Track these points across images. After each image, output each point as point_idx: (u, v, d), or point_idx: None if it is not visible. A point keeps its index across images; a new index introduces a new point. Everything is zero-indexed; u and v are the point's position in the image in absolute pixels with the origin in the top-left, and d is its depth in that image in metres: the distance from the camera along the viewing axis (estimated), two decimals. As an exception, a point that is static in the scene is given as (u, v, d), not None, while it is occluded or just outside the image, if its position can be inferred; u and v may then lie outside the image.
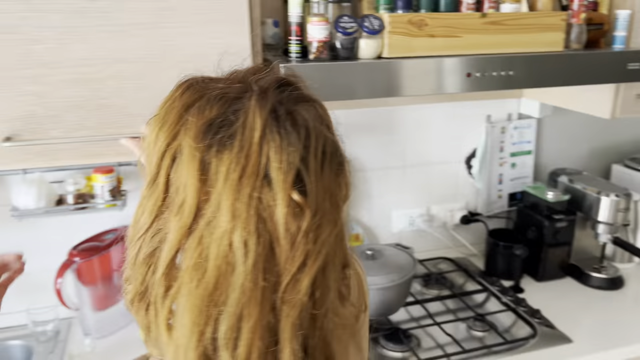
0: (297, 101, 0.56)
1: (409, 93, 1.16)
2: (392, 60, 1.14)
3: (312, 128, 0.54)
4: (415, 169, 1.82)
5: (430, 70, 1.16)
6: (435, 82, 1.18)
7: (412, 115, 1.75)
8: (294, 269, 0.51)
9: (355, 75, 1.12)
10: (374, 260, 1.50)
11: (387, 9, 1.18)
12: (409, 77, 1.13)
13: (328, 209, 0.54)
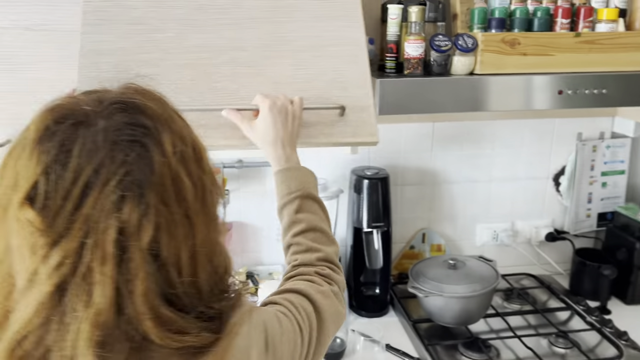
0: None
1: (499, 108, 1.21)
2: (483, 77, 1.20)
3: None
4: (501, 183, 1.84)
5: (521, 87, 1.21)
6: (526, 99, 1.22)
7: (501, 130, 1.78)
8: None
9: (447, 90, 1.19)
10: (455, 270, 1.54)
11: (481, 29, 1.24)
12: (499, 92, 1.19)
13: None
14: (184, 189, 0.54)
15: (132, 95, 0.56)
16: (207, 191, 0.57)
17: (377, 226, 1.59)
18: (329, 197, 1.58)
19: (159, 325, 0.52)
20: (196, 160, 0.56)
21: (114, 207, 0.49)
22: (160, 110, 0.56)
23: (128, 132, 0.51)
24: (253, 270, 1.75)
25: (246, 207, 1.73)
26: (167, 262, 0.52)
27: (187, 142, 0.56)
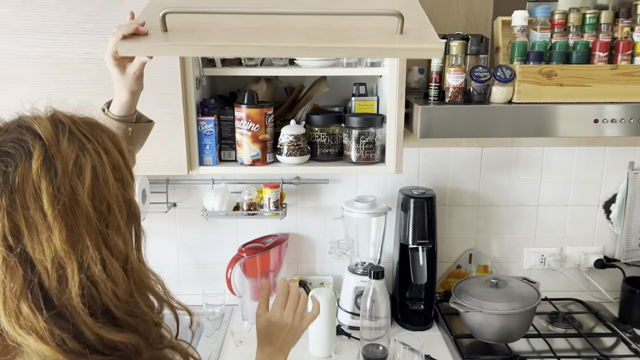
0: None
1: (535, 135, 1.30)
2: (520, 105, 1.29)
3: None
4: (550, 208, 1.88)
5: (557, 115, 1.29)
6: (563, 126, 1.30)
7: (550, 156, 1.83)
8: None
9: (486, 116, 1.29)
10: (496, 289, 1.61)
11: (521, 61, 1.34)
12: (534, 120, 1.27)
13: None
14: (43, 198, 0.60)
15: (33, 118, 0.66)
16: (77, 204, 0.62)
17: (422, 243, 1.68)
18: (378, 213, 1.69)
19: (15, 321, 0.60)
20: (70, 177, 0.62)
21: None
22: (46, 132, 0.64)
23: (9, 145, 0.62)
24: (306, 279, 1.88)
25: (302, 220, 1.88)
26: (34, 261, 0.61)
27: (65, 158, 0.63)
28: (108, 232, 0.64)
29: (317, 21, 0.95)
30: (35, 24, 1.31)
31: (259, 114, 1.45)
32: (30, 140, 0.62)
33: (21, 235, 0.60)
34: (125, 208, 0.68)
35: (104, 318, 0.64)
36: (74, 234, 0.61)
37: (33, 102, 0.71)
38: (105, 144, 0.67)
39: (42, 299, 0.61)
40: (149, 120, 1.11)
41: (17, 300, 0.60)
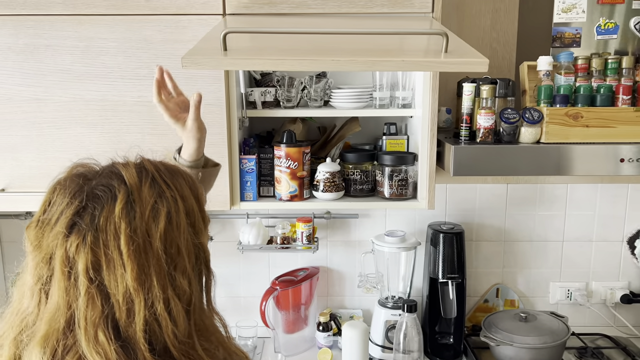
0: None
1: (563, 173, 1.36)
2: (549, 145, 1.36)
3: None
4: (575, 244, 1.92)
5: (584, 154, 1.36)
6: (590, 165, 1.36)
7: (574, 194, 1.88)
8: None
9: (515, 156, 1.36)
10: (526, 323, 1.64)
11: (547, 103, 1.41)
12: (563, 159, 1.34)
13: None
14: (121, 238, 0.66)
15: (123, 165, 0.73)
16: (150, 246, 0.67)
17: (452, 277, 1.73)
18: (408, 248, 1.75)
19: (93, 346, 0.64)
20: (146, 221, 0.68)
21: (64, 235, 0.66)
22: (131, 179, 0.70)
23: (100, 188, 0.69)
24: (336, 313, 1.93)
25: (332, 254, 1.94)
26: (109, 294, 0.66)
27: (144, 204, 0.68)
28: (175, 273, 0.69)
29: (363, 43, 1.03)
30: (94, 70, 1.41)
31: (297, 152, 1.53)
32: (116, 185, 0.69)
33: (101, 269, 0.66)
34: (194, 252, 0.72)
35: (163, 356, 0.67)
36: (144, 272, 0.66)
37: (126, 151, 0.79)
38: (182, 191, 0.73)
39: (113, 329, 0.66)
40: (215, 164, 1.19)
41: (96, 327, 0.65)
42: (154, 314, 0.66)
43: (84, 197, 0.67)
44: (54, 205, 0.69)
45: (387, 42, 1.09)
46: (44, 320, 0.66)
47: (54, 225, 0.67)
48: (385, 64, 0.92)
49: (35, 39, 1.40)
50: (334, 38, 1.09)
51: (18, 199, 1.48)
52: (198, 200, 0.75)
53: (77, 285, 0.65)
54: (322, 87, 1.61)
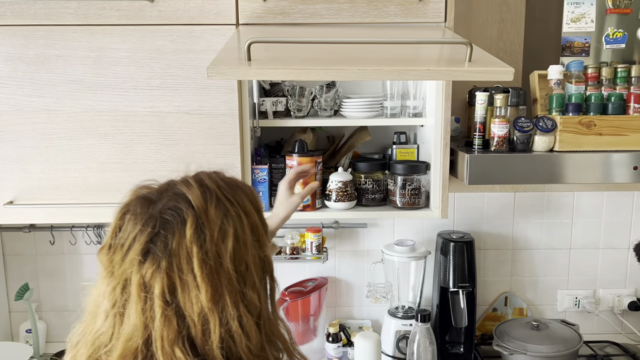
0: None
1: (577, 181, 1.37)
2: (562, 154, 1.37)
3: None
4: (582, 251, 1.93)
5: (598, 163, 1.36)
6: (603, 173, 1.37)
7: (580, 201, 1.89)
8: None
9: (529, 164, 1.37)
10: (538, 331, 1.64)
11: (559, 112, 1.42)
12: (577, 167, 1.35)
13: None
14: (194, 262, 0.68)
15: (185, 185, 0.73)
16: (221, 266, 0.69)
17: (463, 286, 1.72)
18: (418, 257, 1.74)
19: (165, 358, 0.66)
20: (216, 243, 0.70)
21: (139, 261, 0.68)
22: (197, 201, 0.71)
23: (168, 213, 0.70)
24: (345, 323, 1.91)
25: (340, 264, 1.92)
26: (185, 314, 0.68)
27: (212, 226, 0.70)
28: (245, 290, 0.71)
29: (386, 54, 1.03)
30: (106, 81, 1.40)
31: (310, 162, 1.52)
32: (184, 209, 0.70)
33: (176, 292, 0.68)
34: (260, 265, 0.74)
35: None
36: (217, 292, 0.68)
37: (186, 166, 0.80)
38: (245, 206, 0.74)
39: (190, 346, 0.68)
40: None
41: (172, 345, 0.67)
42: (229, 331, 0.69)
43: (155, 224, 0.69)
44: (124, 231, 0.70)
45: (403, 52, 1.09)
46: (121, 340, 0.69)
47: (127, 252, 0.69)
48: (412, 73, 0.92)
49: (46, 49, 1.38)
50: (349, 47, 1.09)
51: (27, 211, 1.45)
52: (259, 213, 0.77)
53: (154, 308, 0.68)
54: (332, 97, 1.61)
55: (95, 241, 1.81)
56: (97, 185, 1.45)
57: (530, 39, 1.74)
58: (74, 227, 1.79)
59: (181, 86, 1.41)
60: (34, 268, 1.88)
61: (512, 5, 1.75)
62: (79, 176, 1.45)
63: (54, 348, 1.86)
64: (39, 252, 1.87)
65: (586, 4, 1.51)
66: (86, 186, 1.45)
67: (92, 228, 1.79)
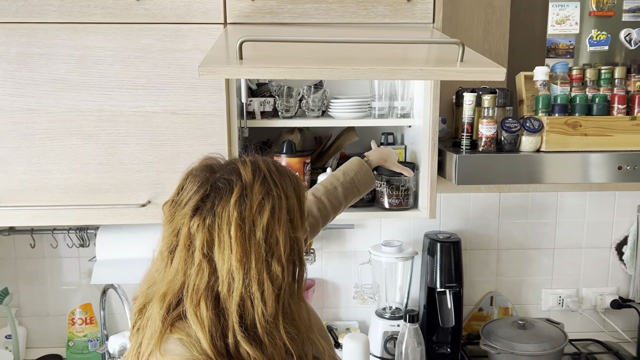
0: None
1: (564, 181, 1.38)
2: (549, 154, 1.38)
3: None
4: (565, 251, 1.95)
5: (584, 163, 1.38)
6: (588, 173, 1.39)
7: (564, 201, 1.92)
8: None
9: (517, 164, 1.38)
10: (524, 330, 1.66)
11: (545, 112, 1.44)
12: (564, 167, 1.36)
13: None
14: (232, 224, 0.78)
15: (242, 163, 0.84)
16: (253, 234, 0.79)
17: (450, 286, 1.73)
18: (405, 258, 1.74)
19: (194, 309, 0.77)
20: (253, 213, 0.79)
21: (190, 215, 0.80)
22: (247, 176, 0.81)
23: (222, 181, 0.81)
24: (332, 325, 1.90)
25: (327, 265, 1.92)
26: (217, 269, 0.78)
27: (254, 198, 0.80)
28: (271, 260, 0.79)
29: (378, 54, 1.03)
30: (91, 80, 1.37)
31: (298, 162, 1.51)
32: (235, 180, 0.81)
33: (213, 248, 0.79)
34: (289, 243, 0.82)
35: (249, 330, 0.78)
36: (245, 256, 0.78)
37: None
38: (287, 191, 0.84)
39: (214, 299, 0.78)
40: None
41: (199, 295, 0.78)
42: (249, 292, 0.78)
43: (208, 187, 0.80)
44: (185, 190, 0.82)
45: (395, 52, 1.09)
46: (165, 282, 0.81)
47: (184, 207, 0.80)
48: (405, 72, 0.92)
49: (28, 47, 1.35)
50: (341, 47, 1.08)
51: (7, 213, 1.41)
52: (299, 200, 0.86)
53: (193, 257, 0.79)
54: (319, 97, 1.60)
55: (78, 244, 1.78)
56: (80, 187, 1.42)
57: (515, 41, 1.75)
58: (55, 230, 1.75)
59: (168, 86, 1.39)
60: (13, 272, 1.83)
61: (497, 7, 1.76)
62: (61, 177, 1.41)
63: (34, 354, 1.82)
64: (19, 256, 1.82)
65: (571, 6, 1.53)
66: (69, 187, 1.42)
67: (74, 230, 1.75)
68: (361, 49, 1.05)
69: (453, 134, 1.71)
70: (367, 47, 1.06)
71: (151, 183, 1.42)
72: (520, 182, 1.38)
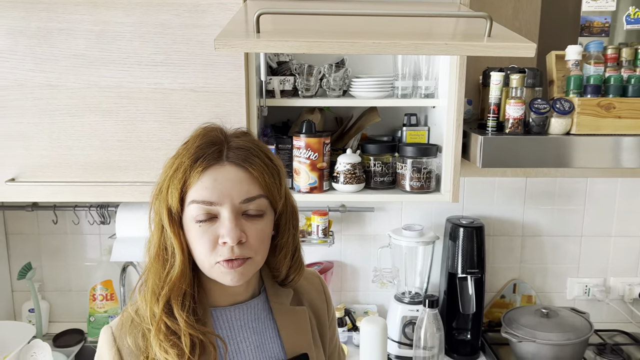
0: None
1: (595, 165, 1.32)
2: (580, 137, 1.32)
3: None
4: (593, 239, 1.89)
5: (616, 147, 1.32)
6: (620, 158, 1.32)
7: (593, 188, 1.85)
8: None
9: (545, 147, 1.32)
10: (548, 319, 1.61)
11: (577, 94, 1.37)
12: (595, 151, 1.30)
13: None
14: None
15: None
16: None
17: (472, 272, 1.69)
18: (426, 242, 1.71)
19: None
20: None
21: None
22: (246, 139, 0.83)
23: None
24: (350, 308, 1.88)
25: (346, 248, 1.89)
26: None
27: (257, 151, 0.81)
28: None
29: (401, 28, 0.98)
30: (110, 56, 1.36)
31: (318, 143, 1.48)
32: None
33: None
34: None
35: None
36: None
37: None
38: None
39: None
40: None
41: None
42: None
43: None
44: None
45: (419, 26, 1.04)
46: None
47: None
48: (429, 47, 0.88)
49: (48, 22, 1.34)
50: (362, 21, 1.04)
51: (28, 189, 1.42)
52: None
53: None
54: (340, 76, 1.56)
55: (99, 221, 1.79)
56: (99, 164, 1.42)
57: (547, 19, 1.68)
58: (76, 207, 1.77)
59: (186, 62, 1.37)
60: (37, 247, 1.86)
61: (528, -17, 1.69)
62: (81, 154, 1.41)
63: (56, 328, 1.85)
64: (42, 232, 1.85)
65: (607, -18, 1.45)
66: (89, 164, 1.42)
67: (95, 208, 1.76)
68: (383, 23, 1.01)
69: (479, 116, 1.66)
70: (389, 21, 1.01)
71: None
72: (548, 165, 1.32)
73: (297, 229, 0.88)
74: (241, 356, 0.85)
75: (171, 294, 0.79)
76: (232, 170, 0.78)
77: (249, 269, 0.81)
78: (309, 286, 0.98)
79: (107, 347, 0.81)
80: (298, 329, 0.89)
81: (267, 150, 0.84)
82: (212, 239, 0.78)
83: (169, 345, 0.77)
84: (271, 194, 0.81)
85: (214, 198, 0.77)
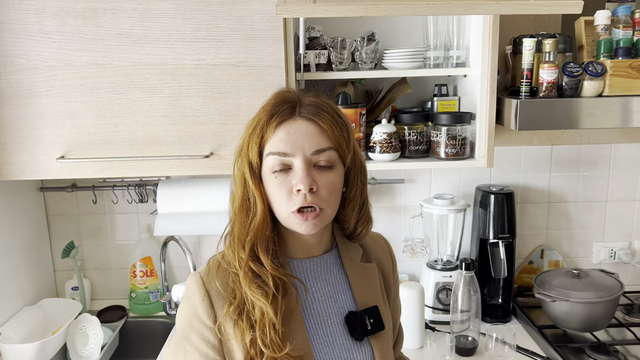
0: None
1: (627, 125, 1.36)
2: (612, 98, 1.36)
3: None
4: (618, 204, 1.93)
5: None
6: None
7: (617, 154, 1.89)
8: None
9: (579, 109, 1.36)
10: (579, 279, 1.66)
11: (607, 57, 1.41)
12: (629, 112, 1.34)
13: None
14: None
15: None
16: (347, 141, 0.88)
17: (503, 238, 1.74)
18: (458, 210, 1.76)
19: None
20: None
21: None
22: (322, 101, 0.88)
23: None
24: (383, 278, 1.94)
25: (376, 220, 1.91)
26: None
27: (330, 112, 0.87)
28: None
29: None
30: (153, 34, 1.40)
31: (354, 114, 1.53)
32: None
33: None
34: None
35: None
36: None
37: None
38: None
39: None
40: None
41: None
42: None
43: None
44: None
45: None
46: None
47: None
48: (481, 7, 0.92)
49: (93, 2, 1.38)
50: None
51: (77, 165, 1.47)
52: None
53: None
54: (372, 49, 1.60)
55: (137, 200, 1.84)
56: (145, 139, 1.46)
57: (572, -12, 1.71)
58: (115, 187, 1.82)
59: (227, 38, 1.41)
60: (77, 227, 1.91)
61: (552, -47, 1.72)
62: (127, 130, 1.46)
63: (99, 305, 1.91)
64: (82, 212, 1.90)
65: (635, -54, 1.48)
66: (135, 140, 1.46)
67: (132, 187, 1.81)
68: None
69: (508, 84, 1.69)
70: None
71: (213, 135, 1.45)
72: (581, 127, 1.37)
73: (365, 184, 0.93)
74: (316, 304, 0.90)
75: (256, 239, 0.85)
76: (304, 124, 0.84)
77: (321, 221, 0.86)
78: (377, 247, 1.04)
79: (197, 290, 0.87)
80: (368, 284, 0.95)
81: (337, 108, 0.88)
82: (287, 189, 0.84)
83: (256, 287, 0.82)
84: (340, 147, 0.86)
85: (288, 149, 0.83)
